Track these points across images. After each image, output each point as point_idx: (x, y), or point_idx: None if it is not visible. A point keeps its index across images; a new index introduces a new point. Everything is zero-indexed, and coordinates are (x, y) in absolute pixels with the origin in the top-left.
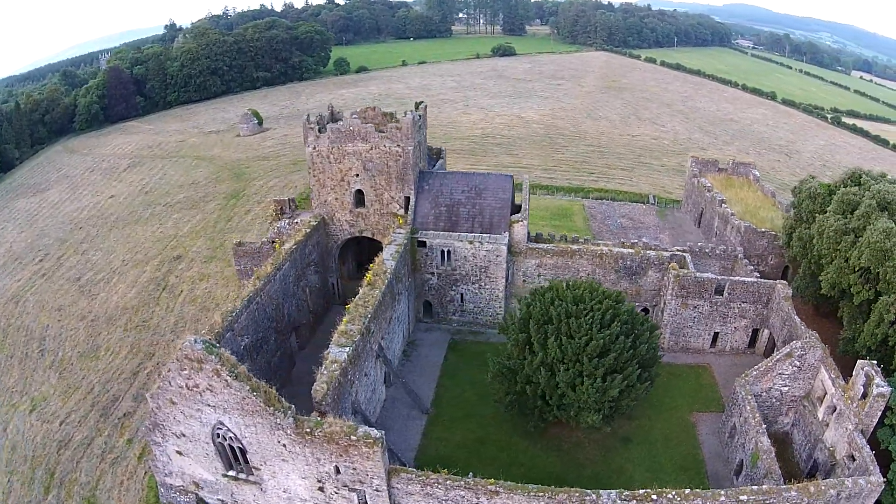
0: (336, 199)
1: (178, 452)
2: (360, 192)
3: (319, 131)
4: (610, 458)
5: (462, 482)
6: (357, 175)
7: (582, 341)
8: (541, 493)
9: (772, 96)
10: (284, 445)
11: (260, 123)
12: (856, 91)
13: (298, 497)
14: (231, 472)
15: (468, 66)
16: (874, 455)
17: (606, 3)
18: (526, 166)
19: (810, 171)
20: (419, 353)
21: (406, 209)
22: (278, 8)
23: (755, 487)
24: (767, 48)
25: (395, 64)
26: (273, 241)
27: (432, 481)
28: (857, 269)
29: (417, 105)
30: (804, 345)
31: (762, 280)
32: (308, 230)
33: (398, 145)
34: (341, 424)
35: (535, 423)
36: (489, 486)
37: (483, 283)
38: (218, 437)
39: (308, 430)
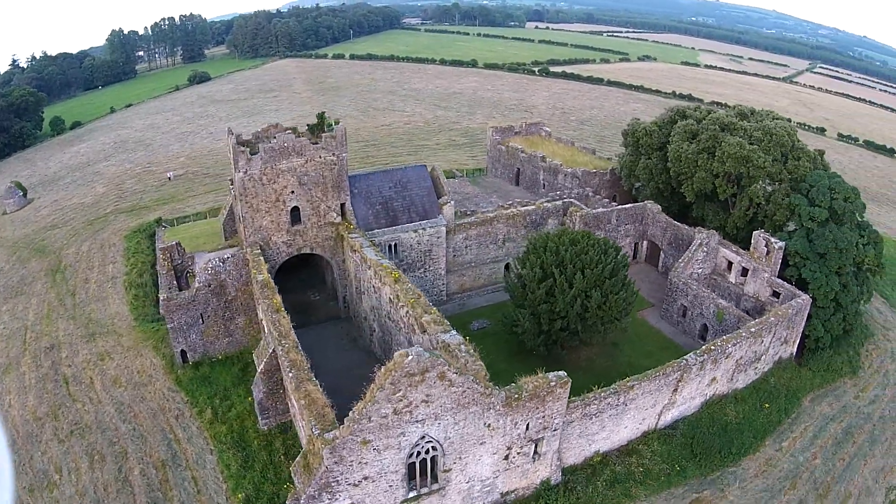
0: (272, 221)
1: None
2: (295, 209)
3: (251, 153)
4: (617, 361)
5: (611, 390)
6: (292, 192)
7: (599, 268)
8: (656, 374)
9: (473, 64)
10: (489, 425)
11: (25, 195)
12: (541, 41)
13: (479, 480)
14: (412, 494)
15: (176, 100)
16: None
17: (275, 11)
18: None
19: (553, 120)
20: None
21: (343, 216)
22: None
23: (755, 321)
24: (437, 20)
25: (105, 113)
26: (209, 285)
27: (591, 399)
28: (719, 175)
29: (321, 115)
30: (707, 234)
31: (637, 204)
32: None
33: (333, 154)
34: (536, 379)
35: (560, 352)
36: (627, 384)
37: (428, 266)
38: (411, 455)
39: (516, 396)
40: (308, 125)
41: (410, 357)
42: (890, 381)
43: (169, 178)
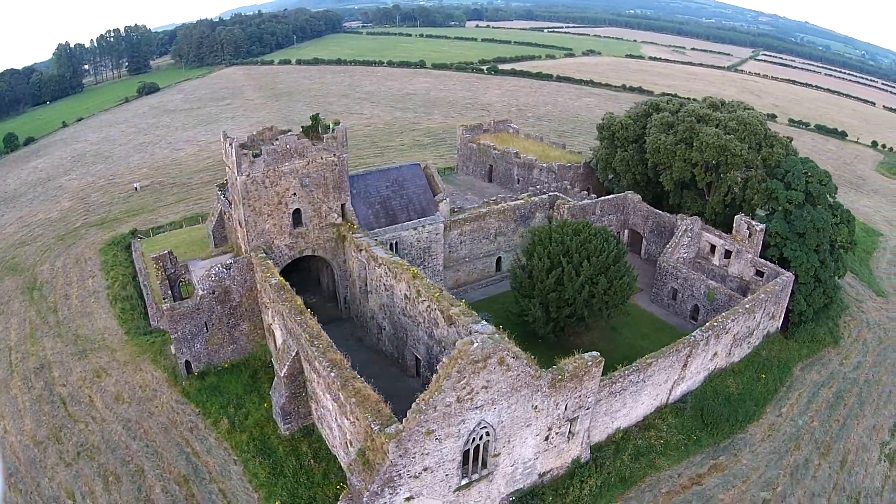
0: (274, 224)
1: (408, 499)
2: (296, 211)
3: (254, 156)
4: (618, 343)
5: (634, 367)
6: (294, 194)
7: (603, 255)
8: (670, 351)
9: (421, 65)
10: (535, 407)
11: None
12: (484, 40)
13: (522, 463)
14: (465, 481)
15: (128, 111)
16: None
17: (217, 19)
18: None
19: (511, 117)
20: None
21: (343, 216)
22: None
23: (749, 297)
24: (378, 22)
25: (57, 127)
26: (213, 292)
27: (618, 377)
28: (697, 164)
29: (315, 117)
30: (691, 220)
31: (619, 194)
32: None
33: (334, 154)
34: (575, 360)
35: (567, 338)
36: (646, 361)
37: (427, 263)
38: (467, 442)
39: (559, 377)
40: (303, 127)
41: (476, 344)
42: (869, 349)
43: (136, 189)
